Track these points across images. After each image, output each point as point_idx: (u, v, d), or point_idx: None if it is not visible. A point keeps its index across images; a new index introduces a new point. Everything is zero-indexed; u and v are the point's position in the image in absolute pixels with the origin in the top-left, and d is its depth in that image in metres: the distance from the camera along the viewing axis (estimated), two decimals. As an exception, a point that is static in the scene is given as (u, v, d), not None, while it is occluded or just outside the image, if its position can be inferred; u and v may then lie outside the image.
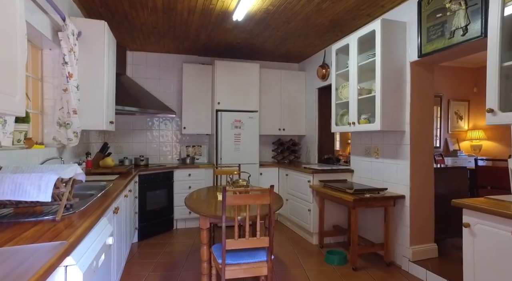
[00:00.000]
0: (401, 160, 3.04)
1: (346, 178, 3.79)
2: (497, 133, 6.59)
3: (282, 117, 4.95)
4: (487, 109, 1.92)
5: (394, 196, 2.97)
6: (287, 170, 4.38)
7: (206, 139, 4.95)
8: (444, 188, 3.27)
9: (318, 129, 4.76)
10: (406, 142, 2.99)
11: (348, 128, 3.35)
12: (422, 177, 3.01)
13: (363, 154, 3.62)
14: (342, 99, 3.56)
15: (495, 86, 1.90)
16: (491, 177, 4.10)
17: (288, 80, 4.99)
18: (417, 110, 3.00)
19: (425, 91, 3.04)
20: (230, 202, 1.91)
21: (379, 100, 2.91)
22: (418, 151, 3.00)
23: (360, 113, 3.31)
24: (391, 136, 3.18)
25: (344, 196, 2.95)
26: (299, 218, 3.97)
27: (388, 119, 2.92)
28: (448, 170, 3.29)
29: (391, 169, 3.17)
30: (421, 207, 3.01)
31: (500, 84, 1.89)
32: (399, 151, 3.07)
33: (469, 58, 6.64)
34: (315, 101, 4.78)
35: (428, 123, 3.05)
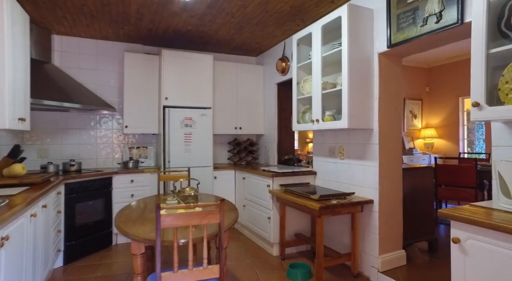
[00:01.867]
0: (369, 161, 2.77)
1: (309, 181, 3.47)
2: (447, 132, 6.78)
3: (239, 115, 4.52)
4: (472, 103, 1.66)
5: (362, 201, 2.68)
6: (244, 173, 3.96)
7: (154, 140, 4.36)
8: (410, 189, 3.07)
9: (278, 127, 4.41)
10: (375, 141, 2.72)
11: (311, 126, 3.02)
12: (391, 179, 2.77)
13: (327, 155, 3.32)
14: (304, 94, 3.23)
15: (481, 77, 1.64)
16: (448, 175, 4.04)
17: (245, 75, 4.58)
18: (385, 107, 2.74)
19: (394, 86, 2.80)
20: (167, 224, 1.43)
21: (346, 94, 2.60)
22: (387, 151, 2.74)
23: (325, 110, 2.99)
24: (358, 135, 2.90)
25: (308, 203, 2.61)
26: (258, 227, 3.57)
27: (356, 116, 2.63)
28: (414, 170, 3.09)
29: (358, 171, 2.90)
30: (390, 212, 2.76)
31: (486, 74, 1.63)
32: (367, 151, 2.80)
33: (422, 58, 6.76)
34: (275, 98, 4.43)
35: (397, 120, 2.81)
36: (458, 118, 6.61)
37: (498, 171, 1.64)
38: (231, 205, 2.37)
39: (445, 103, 6.84)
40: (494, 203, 1.69)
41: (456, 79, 6.62)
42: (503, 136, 1.85)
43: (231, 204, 2.41)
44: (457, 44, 5.70)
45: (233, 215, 2.07)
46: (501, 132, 1.86)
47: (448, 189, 4.20)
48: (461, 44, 5.74)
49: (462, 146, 6.60)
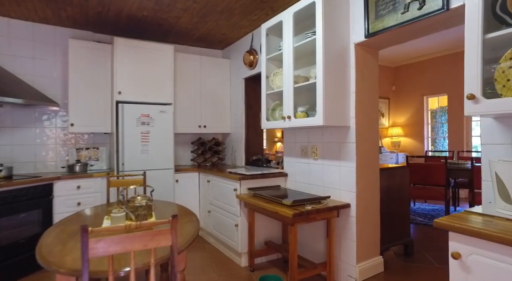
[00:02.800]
0: (345, 162, 2.55)
1: (279, 184, 3.20)
2: (413, 130, 6.87)
3: (203, 112, 4.16)
4: (467, 95, 1.46)
5: (338, 205, 2.45)
6: (209, 175, 3.61)
7: (108, 140, 3.87)
8: (386, 189, 2.90)
9: (246, 126, 4.10)
10: (351, 139, 2.50)
11: (282, 123, 2.74)
12: (369, 181, 2.56)
13: (299, 155, 3.07)
14: (274, 89, 2.95)
15: (477, 65, 1.44)
16: (420, 174, 3.97)
17: (210, 69, 4.22)
18: (362, 102, 2.53)
19: (370, 80, 2.59)
20: (100, 252, 1.07)
21: (321, 88, 2.35)
22: (364, 151, 2.53)
23: (297, 105, 2.73)
24: (333, 133, 2.67)
25: (280, 209, 2.32)
26: (225, 235, 3.24)
27: (331, 112, 2.38)
28: (389, 170, 2.92)
29: (333, 172, 2.66)
30: (368, 216, 2.56)
31: (483, 62, 1.44)
32: (343, 151, 2.57)
33: (388, 57, 6.78)
34: (242, 94, 4.11)
35: (374, 117, 2.62)
36: (423, 117, 6.70)
37: (496, 172, 1.45)
38: (190, 216, 2.02)
39: (411, 102, 6.93)
40: (487, 208, 1.51)
41: (421, 78, 6.71)
42: (493, 133, 1.68)
43: (190, 214, 2.06)
44: (422, 43, 5.75)
45: (192, 228, 1.73)
46: (491, 129, 1.69)
47: (419, 188, 4.14)
48: (427, 43, 5.80)
49: (426, 144, 6.71)
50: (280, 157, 3.88)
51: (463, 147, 6.00)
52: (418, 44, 5.90)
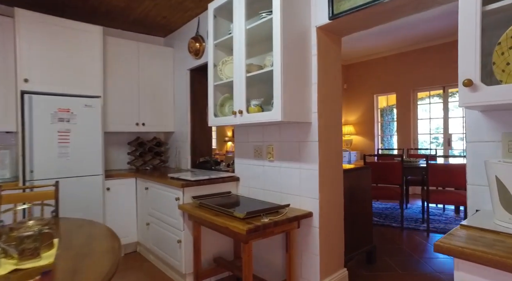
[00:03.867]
0: (306, 163, 2.20)
1: (230, 190, 2.77)
2: (364, 128, 6.90)
3: (142, 107, 3.56)
4: (463, 81, 1.16)
5: (299, 215, 2.09)
6: (147, 181, 3.05)
7: (12, 140, 3.10)
8: (348, 193, 2.63)
9: (191, 123, 3.60)
10: (313, 138, 2.16)
11: (233, 119, 2.32)
12: (333, 185, 2.25)
13: (252, 156, 2.67)
14: (224, 80, 2.51)
15: (474, 43, 1.15)
16: (378, 173, 3.83)
17: (150, 58, 3.64)
18: (325, 95, 2.21)
19: (334, 70, 2.28)
20: None
21: (279, 77, 1.97)
22: (328, 150, 2.21)
23: (250, 98, 2.32)
24: (292, 130, 2.31)
25: (231, 224, 1.89)
26: (166, 252, 2.72)
27: (291, 106, 2.02)
28: (352, 172, 2.66)
29: (293, 175, 2.31)
30: (332, 225, 2.24)
31: (482, 41, 1.15)
32: (304, 151, 2.22)
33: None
34: (187, 87, 3.60)
35: (337, 112, 2.31)
36: (373, 115, 6.75)
37: (496, 176, 1.18)
38: (111, 241, 1.50)
39: (362, 101, 6.95)
40: (481, 220, 1.24)
41: (371, 77, 6.76)
42: (480, 129, 1.43)
43: (111, 239, 1.53)
44: (372, 42, 5.73)
45: (108, 263, 1.23)
46: (477, 124, 1.44)
47: (375, 187, 4.00)
48: (376, 42, 5.80)
49: (377, 142, 6.77)
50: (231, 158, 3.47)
51: (410, 144, 6.13)
52: (369, 42, 5.88)
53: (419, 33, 5.44)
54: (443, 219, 4.24)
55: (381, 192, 3.83)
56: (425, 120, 6.14)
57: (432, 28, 5.19)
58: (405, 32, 5.40)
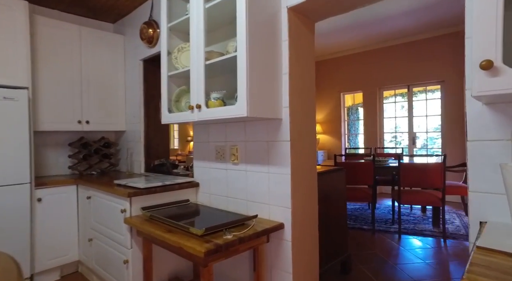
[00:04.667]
0: (276, 167, 1.89)
1: (189, 198, 2.39)
2: (331, 127, 6.79)
3: (85, 103, 3.06)
4: (481, 63, 0.91)
5: (268, 228, 1.78)
6: (89, 189, 2.58)
7: None
8: (323, 198, 2.36)
9: (145, 121, 3.16)
10: (284, 137, 1.85)
11: (190, 115, 1.95)
12: (307, 191, 1.96)
13: (213, 158, 2.32)
14: (179, 69, 2.13)
15: (495, 16, 0.90)
16: (350, 174, 3.63)
17: (96, 45, 3.14)
18: (298, 87, 1.91)
19: (307, 60, 1.99)
20: None
21: (244, 65, 1.63)
22: (301, 151, 1.92)
23: (210, 91, 1.97)
24: (260, 128, 1.99)
25: (186, 244, 1.53)
26: (111, 273, 2.28)
27: (258, 99, 1.69)
28: (326, 174, 2.40)
29: (261, 181, 1.99)
30: (306, 238, 1.95)
31: (504, 9, 0.90)
32: (273, 152, 1.91)
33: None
34: (140, 80, 3.16)
35: (311, 107, 2.02)
36: (340, 114, 6.66)
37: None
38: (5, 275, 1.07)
39: (328, 99, 6.83)
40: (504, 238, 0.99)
41: (338, 75, 6.65)
42: (486, 125, 1.20)
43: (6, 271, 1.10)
44: (339, 39, 5.60)
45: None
46: (481, 120, 1.21)
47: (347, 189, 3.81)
48: (343, 39, 5.68)
49: (344, 141, 6.69)
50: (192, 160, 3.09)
51: (377, 143, 6.09)
52: (336, 39, 5.74)
53: (385, 31, 5.38)
54: (411, 219, 4.16)
55: (353, 194, 3.64)
56: (391, 118, 6.15)
57: (398, 26, 5.14)
58: (372, 29, 5.31)
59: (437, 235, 3.51)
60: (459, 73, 5.18)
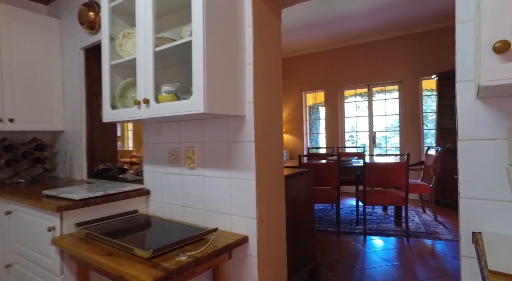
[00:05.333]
0: (239, 171, 1.64)
1: (138, 208, 2.06)
2: (293, 127, 6.70)
3: (8, 97, 2.56)
4: (495, 44, 0.74)
5: (231, 243, 1.52)
6: (10, 202, 2.13)
7: None
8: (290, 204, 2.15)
9: (88, 119, 2.74)
10: (248, 136, 1.61)
11: (136, 111, 1.63)
12: (274, 199, 1.73)
13: (166, 162, 2.01)
14: (125, 57, 1.79)
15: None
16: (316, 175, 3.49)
17: (23, 27, 2.66)
18: (264, 80, 1.68)
19: (273, 49, 1.77)
20: None
21: (200, 52, 1.37)
22: (267, 153, 1.69)
23: (160, 83, 1.68)
24: (219, 127, 1.73)
25: (128, 272, 1.22)
26: (40, 304, 1.88)
27: (217, 93, 1.43)
28: (295, 178, 2.20)
29: (221, 187, 1.72)
30: (273, 251, 1.73)
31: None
32: (236, 155, 1.66)
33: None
34: (81, 72, 2.73)
35: (278, 103, 1.80)
36: (302, 113, 6.58)
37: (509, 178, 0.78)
38: None
39: (290, 98, 6.73)
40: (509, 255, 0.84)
41: (300, 73, 6.57)
42: (478, 123, 1.06)
43: None
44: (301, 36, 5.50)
45: None
46: (473, 117, 1.06)
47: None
48: (305, 37, 5.59)
49: (306, 141, 6.62)
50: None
51: (338, 143, 6.10)
52: (298, 36, 5.64)
53: (346, 30, 5.38)
54: (374, 219, 4.15)
55: (317, 195, 3.51)
56: (351, 118, 6.19)
57: (358, 25, 5.15)
58: (334, 28, 5.28)
59: (400, 234, 3.50)
60: (416, 74, 5.32)
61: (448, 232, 3.56)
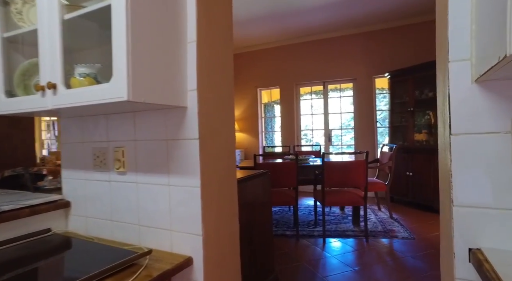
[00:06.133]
0: (181, 176, 1.31)
1: (52, 226, 1.62)
2: (248, 124, 6.45)
3: None
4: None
5: (170, 269, 1.19)
6: None
7: None
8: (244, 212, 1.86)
9: (-7, 114, 2.19)
10: (191, 133, 1.28)
11: (40, 101, 1.23)
12: (224, 208, 1.43)
13: (90, 165, 1.60)
14: (25, 29, 1.36)
15: None
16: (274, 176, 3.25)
17: None
18: (211, 62, 1.36)
19: (223, 23, 1.45)
20: None
21: (123, 20, 1.01)
22: (216, 153, 1.38)
23: (74, 62, 1.28)
24: (156, 122, 1.38)
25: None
26: None
27: (147, 76, 1.09)
28: (249, 181, 1.91)
29: (159, 197, 1.38)
30: (224, 272, 1.42)
31: None
32: (176, 156, 1.32)
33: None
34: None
35: (228, 92, 1.50)
36: (257, 111, 6.35)
37: None
38: None
39: (245, 95, 6.46)
40: None
41: (255, 69, 6.33)
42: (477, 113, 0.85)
43: None
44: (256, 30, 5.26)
45: None
46: (469, 105, 0.86)
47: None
48: (260, 30, 5.35)
49: (261, 139, 6.41)
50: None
51: (294, 141, 5.96)
52: (252, 30, 5.38)
53: (302, 25, 5.24)
54: (332, 219, 4.03)
55: (275, 198, 3.28)
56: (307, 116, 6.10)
57: (314, 21, 5.04)
58: (289, 23, 5.11)
59: (359, 235, 3.40)
60: (369, 72, 5.36)
61: (404, 229, 3.54)
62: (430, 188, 4.22)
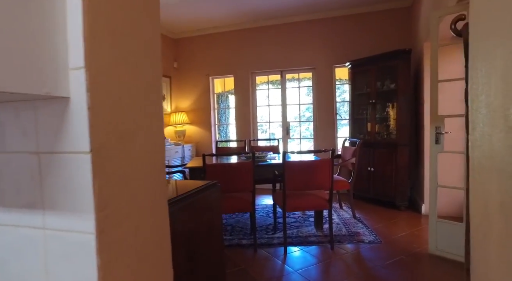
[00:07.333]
0: (61, 215, 0.76)
1: None
2: (199, 116, 5.86)
3: None
4: None
5: None
6: None
7: None
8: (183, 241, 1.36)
9: None
10: (76, 144, 0.73)
11: None
12: (147, 261, 0.90)
13: None
14: None
15: None
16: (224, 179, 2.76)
17: None
18: (111, 23, 0.80)
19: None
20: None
21: None
22: (127, 174, 0.84)
23: None
24: (16, 122, 0.80)
25: None
26: None
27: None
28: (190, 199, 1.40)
29: (24, 251, 0.81)
30: None
31: None
32: (54, 179, 0.77)
33: (168, 24, 5.34)
34: None
35: (149, 73, 0.95)
36: (209, 101, 5.79)
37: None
38: None
39: (195, 83, 5.85)
40: None
41: (206, 55, 5.73)
42: None
43: None
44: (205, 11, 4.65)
45: None
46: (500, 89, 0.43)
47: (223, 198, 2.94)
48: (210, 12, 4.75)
49: (214, 133, 5.87)
50: None
51: (250, 135, 5.52)
52: (201, 11, 4.77)
53: (258, 9, 4.75)
54: (292, 221, 3.68)
55: (228, 204, 2.80)
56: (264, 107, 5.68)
57: (271, 3, 4.57)
58: (243, 4, 4.58)
59: (323, 241, 3.07)
60: (329, 62, 5.06)
61: (369, 231, 3.30)
62: (391, 184, 4.06)
